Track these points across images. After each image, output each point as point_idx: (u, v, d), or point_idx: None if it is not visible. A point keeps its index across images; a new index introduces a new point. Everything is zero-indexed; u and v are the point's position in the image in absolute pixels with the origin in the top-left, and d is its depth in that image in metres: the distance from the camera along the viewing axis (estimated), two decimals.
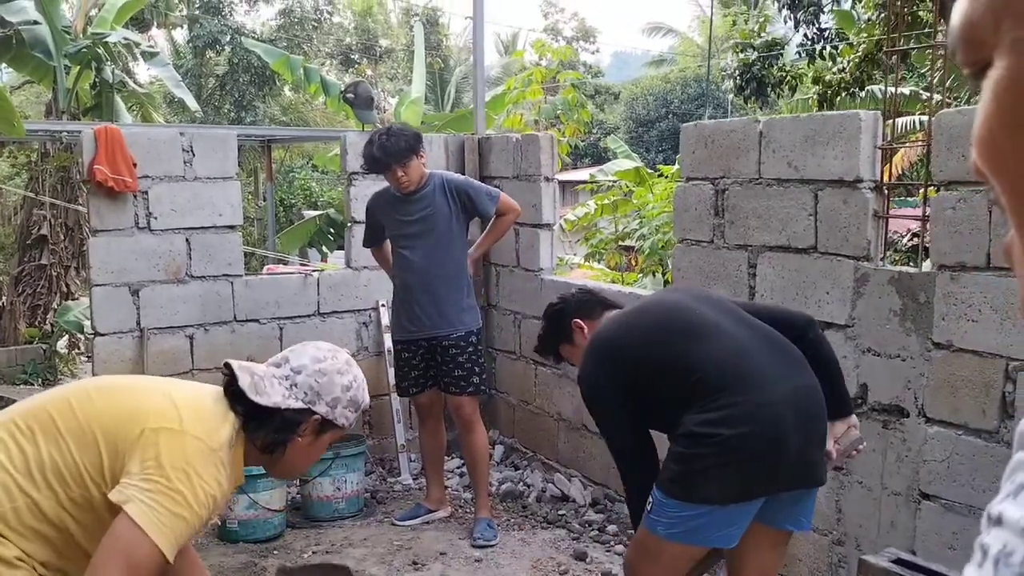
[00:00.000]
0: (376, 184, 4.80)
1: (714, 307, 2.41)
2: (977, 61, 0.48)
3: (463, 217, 4.02)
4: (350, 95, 5.19)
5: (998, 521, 0.46)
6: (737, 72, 10.64)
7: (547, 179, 4.77)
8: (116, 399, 1.89)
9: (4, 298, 9.33)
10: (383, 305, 4.92)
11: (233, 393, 1.95)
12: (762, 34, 10.97)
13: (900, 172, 9.82)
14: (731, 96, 12.42)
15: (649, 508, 2.23)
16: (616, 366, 2.33)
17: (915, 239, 7.10)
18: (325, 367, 2.02)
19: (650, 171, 9.57)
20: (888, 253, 7.13)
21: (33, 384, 8.11)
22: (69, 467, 1.79)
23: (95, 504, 1.80)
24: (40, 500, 1.78)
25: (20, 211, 10.20)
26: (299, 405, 1.97)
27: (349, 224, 4.99)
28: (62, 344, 8.98)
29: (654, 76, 27.37)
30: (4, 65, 10.37)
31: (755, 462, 2.14)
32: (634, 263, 8.46)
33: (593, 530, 4.13)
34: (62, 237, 9.45)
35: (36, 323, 9.20)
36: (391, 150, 3.86)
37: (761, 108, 11.71)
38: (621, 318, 2.49)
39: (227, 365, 2.00)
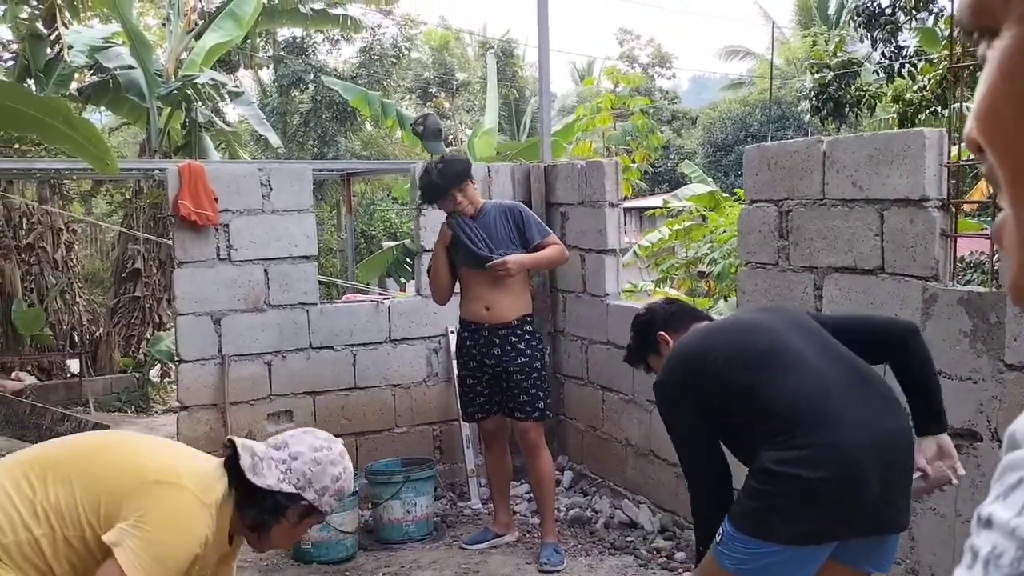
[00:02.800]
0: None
1: (805, 335, 2.31)
2: (982, 26, 0.48)
3: (519, 241, 4.07)
4: (419, 127, 5.34)
5: (988, 523, 0.46)
6: (813, 93, 10.47)
7: (612, 205, 4.79)
8: (123, 453, 2.06)
9: (101, 329, 9.83)
10: (452, 332, 5.00)
11: (232, 468, 2.08)
12: (838, 53, 10.77)
13: (991, 192, 9.46)
14: (807, 117, 12.20)
15: (719, 540, 2.19)
16: (692, 379, 2.30)
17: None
18: (320, 456, 2.13)
19: (727, 195, 9.48)
20: (975, 275, 6.86)
21: (127, 411, 8.49)
22: (69, 508, 1.93)
23: (88, 543, 1.93)
24: (39, 537, 1.91)
25: (116, 246, 10.75)
26: (290, 490, 2.08)
27: (419, 252, 5.11)
28: (154, 373, 9.38)
29: (732, 99, 27.10)
30: (103, 108, 11.00)
31: (831, 507, 2.08)
32: (707, 288, 8.37)
33: (661, 557, 4.08)
34: (154, 270, 9.92)
35: (130, 353, 9.65)
36: (449, 174, 3.99)
37: (839, 129, 11.47)
38: (707, 332, 2.46)
39: (231, 441, 2.13)
